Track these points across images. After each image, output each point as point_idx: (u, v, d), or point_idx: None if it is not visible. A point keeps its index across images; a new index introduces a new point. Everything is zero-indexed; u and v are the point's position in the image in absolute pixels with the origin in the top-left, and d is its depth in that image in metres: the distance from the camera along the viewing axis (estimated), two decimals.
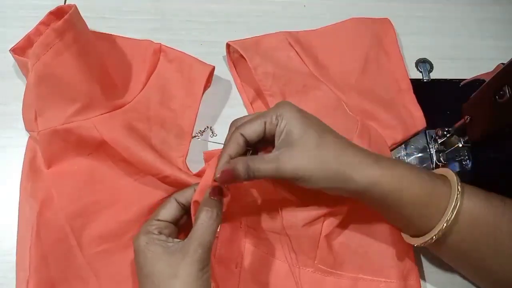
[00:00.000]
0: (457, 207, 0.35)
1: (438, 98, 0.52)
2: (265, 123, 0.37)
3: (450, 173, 0.38)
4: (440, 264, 0.45)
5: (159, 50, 0.50)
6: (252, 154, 0.39)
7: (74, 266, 0.40)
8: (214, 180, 0.36)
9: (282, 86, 0.48)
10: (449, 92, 0.53)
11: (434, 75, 0.54)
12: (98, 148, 0.44)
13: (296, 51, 0.51)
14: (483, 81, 0.51)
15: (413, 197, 0.36)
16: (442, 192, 0.36)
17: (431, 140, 0.50)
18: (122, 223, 0.42)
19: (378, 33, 0.54)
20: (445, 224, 0.35)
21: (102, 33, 0.50)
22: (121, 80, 0.47)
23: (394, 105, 0.50)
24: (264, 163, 0.36)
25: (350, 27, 0.54)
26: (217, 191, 0.36)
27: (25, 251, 0.40)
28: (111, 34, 0.50)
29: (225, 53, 0.53)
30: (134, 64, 0.49)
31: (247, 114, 0.50)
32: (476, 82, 0.52)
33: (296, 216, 0.42)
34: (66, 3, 0.54)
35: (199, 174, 0.43)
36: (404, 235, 0.40)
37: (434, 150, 0.49)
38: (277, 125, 0.37)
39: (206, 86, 0.50)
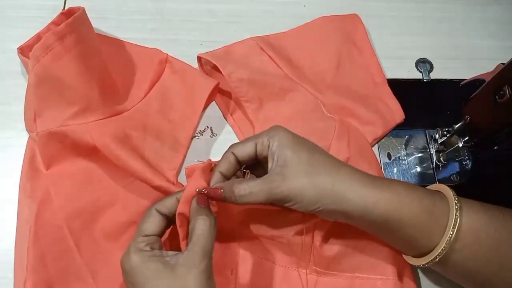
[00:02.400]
0: (457, 224, 0.34)
1: (438, 98, 0.52)
2: (256, 144, 0.37)
3: (445, 189, 0.37)
4: None
5: (165, 60, 0.49)
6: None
7: (72, 266, 0.40)
8: (199, 190, 0.35)
9: (258, 91, 0.48)
10: (449, 92, 0.53)
11: (434, 75, 0.54)
12: (92, 151, 0.43)
13: (269, 55, 0.50)
14: (483, 81, 0.51)
15: (413, 216, 0.35)
16: (441, 209, 0.36)
17: (431, 140, 0.50)
18: (120, 223, 0.42)
19: (348, 29, 0.54)
20: (446, 242, 0.35)
21: (110, 37, 0.50)
22: (123, 86, 0.47)
23: (371, 100, 0.50)
24: (255, 186, 0.35)
25: (319, 26, 0.54)
26: (204, 199, 0.35)
27: (23, 251, 0.40)
28: (119, 40, 0.50)
29: None
30: (139, 71, 0.49)
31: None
32: (476, 82, 0.52)
33: (287, 227, 0.42)
34: (66, 4, 0.54)
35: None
36: (405, 257, 0.40)
37: (434, 150, 0.49)
38: (268, 146, 0.37)
39: (210, 100, 0.50)
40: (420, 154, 0.50)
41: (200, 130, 0.49)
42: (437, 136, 0.49)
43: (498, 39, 0.57)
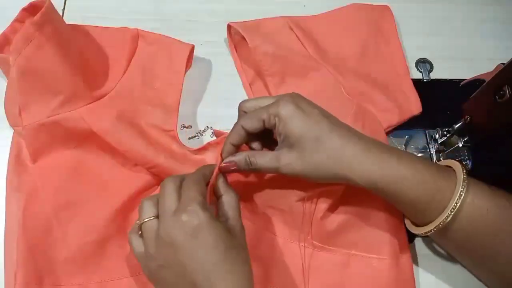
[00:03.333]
0: (457, 207, 0.35)
1: (438, 98, 0.52)
2: (263, 121, 0.38)
3: (457, 167, 0.38)
4: (433, 248, 0.46)
5: (137, 35, 0.50)
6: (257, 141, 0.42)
7: (60, 258, 0.41)
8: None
9: (281, 67, 0.49)
10: (449, 92, 0.53)
11: (434, 75, 0.54)
12: (85, 139, 0.44)
13: (296, 35, 0.52)
14: (483, 81, 0.51)
15: (413, 199, 0.37)
16: (445, 192, 0.36)
17: (431, 140, 0.50)
18: (109, 213, 0.42)
19: (378, 19, 0.55)
20: (441, 223, 0.36)
21: (77, 25, 0.50)
22: (102, 69, 0.48)
23: (391, 89, 0.51)
24: (264, 161, 0.38)
25: (349, 13, 0.55)
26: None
27: (13, 245, 0.40)
28: (86, 25, 0.50)
29: (225, 53, 0.53)
30: (114, 52, 0.49)
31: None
32: (476, 82, 0.52)
33: (290, 193, 0.43)
34: (67, 4, 0.54)
35: (199, 151, 0.45)
36: (406, 220, 0.42)
37: (434, 150, 0.49)
38: (275, 125, 0.38)
39: (187, 67, 0.51)
40: (420, 154, 0.49)
41: (200, 130, 0.49)
42: (437, 136, 0.49)
43: (498, 39, 0.57)
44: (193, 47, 0.50)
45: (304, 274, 0.43)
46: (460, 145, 0.45)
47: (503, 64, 0.49)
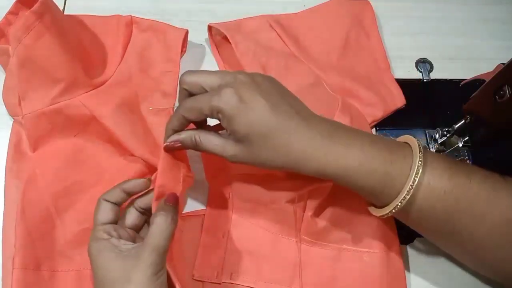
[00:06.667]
0: (411, 193, 0.35)
1: (438, 98, 0.52)
2: (206, 115, 0.36)
3: (414, 144, 0.37)
4: (426, 250, 0.46)
5: (130, 22, 0.50)
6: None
7: (58, 244, 0.41)
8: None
9: (262, 64, 0.50)
10: (449, 92, 0.53)
11: (434, 75, 0.54)
12: (85, 127, 0.44)
13: (277, 33, 0.52)
14: (483, 81, 0.51)
15: (362, 187, 0.36)
16: (399, 177, 0.35)
17: (431, 140, 0.50)
18: None
19: (358, 14, 0.55)
20: (395, 207, 0.36)
21: (72, 14, 0.50)
22: (99, 57, 0.48)
23: (373, 83, 0.51)
24: (211, 145, 0.37)
25: (330, 9, 0.55)
26: (172, 198, 0.36)
27: (11, 231, 0.41)
28: (80, 15, 0.50)
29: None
30: (109, 40, 0.49)
31: None
32: (476, 82, 0.52)
33: (280, 194, 0.44)
34: (67, 4, 0.54)
35: None
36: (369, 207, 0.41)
37: (434, 150, 0.49)
38: (219, 119, 0.36)
39: (182, 52, 0.51)
40: None
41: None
42: (437, 136, 0.49)
43: (498, 39, 0.57)
44: (187, 31, 0.50)
45: (300, 269, 0.43)
46: (460, 145, 0.45)
47: (503, 64, 0.49)
